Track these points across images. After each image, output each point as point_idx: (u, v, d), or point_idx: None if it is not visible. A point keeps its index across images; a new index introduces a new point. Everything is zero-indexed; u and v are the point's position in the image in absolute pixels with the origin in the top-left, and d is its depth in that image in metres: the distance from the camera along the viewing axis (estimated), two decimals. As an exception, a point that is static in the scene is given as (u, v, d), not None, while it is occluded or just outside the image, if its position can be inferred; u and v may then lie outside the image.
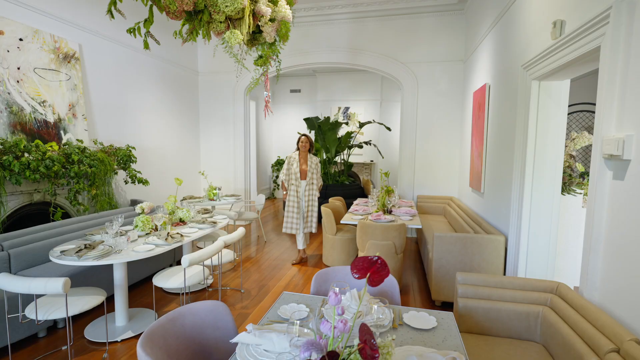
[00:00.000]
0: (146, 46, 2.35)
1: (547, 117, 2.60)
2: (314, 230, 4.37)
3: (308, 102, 10.00)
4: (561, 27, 2.14)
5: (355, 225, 4.05)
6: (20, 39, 3.30)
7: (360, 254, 3.52)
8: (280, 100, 10.29)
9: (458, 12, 5.18)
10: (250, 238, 5.55)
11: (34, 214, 3.40)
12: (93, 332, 2.61)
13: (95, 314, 2.90)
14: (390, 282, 1.85)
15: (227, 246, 3.08)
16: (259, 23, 2.88)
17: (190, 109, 6.08)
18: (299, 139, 4.40)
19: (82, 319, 2.82)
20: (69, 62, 3.79)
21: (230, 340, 1.29)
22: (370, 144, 7.46)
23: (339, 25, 5.62)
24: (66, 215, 3.61)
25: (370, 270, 0.94)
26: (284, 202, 4.39)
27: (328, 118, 7.23)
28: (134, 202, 4.56)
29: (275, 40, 3.14)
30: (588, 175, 3.36)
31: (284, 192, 4.38)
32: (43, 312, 2.04)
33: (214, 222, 3.30)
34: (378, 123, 7.08)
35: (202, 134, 6.39)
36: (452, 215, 4.63)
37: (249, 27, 2.66)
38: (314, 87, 9.86)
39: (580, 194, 3.28)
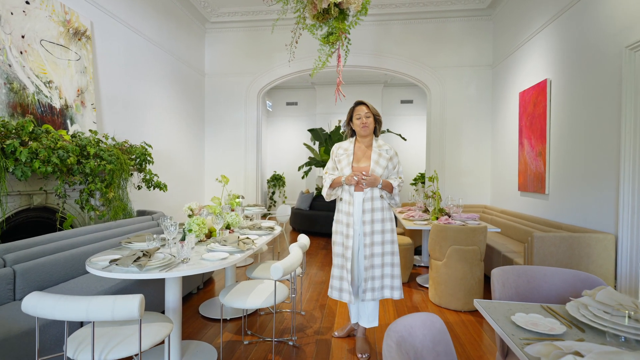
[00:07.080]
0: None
1: (664, 100, 2.39)
2: (395, 297, 2.16)
3: (305, 114, 9.63)
4: None
5: (420, 230, 3.62)
6: (27, 2, 2.64)
7: (435, 263, 3.05)
8: (276, 113, 9.83)
9: (485, 18, 5.13)
10: (272, 254, 4.89)
11: (31, 223, 2.61)
12: (137, 376, 1.89)
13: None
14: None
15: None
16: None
17: (196, 112, 5.45)
18: (353, 110, 2.25)
19: None
20: (79, 39, 3.13)
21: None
22: (381, 155, 7.18)
23: (362, 28, 5.36)
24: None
25: None
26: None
27: (339, 127, 6.88)
28: (141, 213, 3.80)
29: (348, 15, 2.76)
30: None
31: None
32: (97, 351, 1.36)
33: (272, 228, 2.71)
34: (395, 134, 6.80)
35: (207, 140, 5.74)
36: (499, 222, 4.33)
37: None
38: (312, 100, 9.53)
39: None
